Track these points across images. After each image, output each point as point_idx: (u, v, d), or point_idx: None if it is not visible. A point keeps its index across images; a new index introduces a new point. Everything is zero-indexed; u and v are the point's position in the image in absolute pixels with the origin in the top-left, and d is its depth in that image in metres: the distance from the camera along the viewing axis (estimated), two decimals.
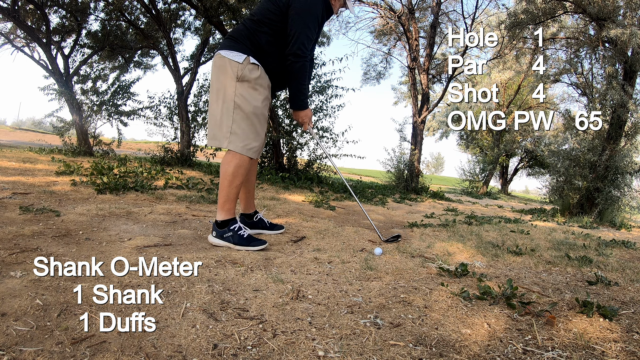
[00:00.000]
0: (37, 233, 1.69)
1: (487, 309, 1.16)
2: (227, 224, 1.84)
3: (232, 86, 1.83)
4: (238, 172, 1.85)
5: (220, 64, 1.86)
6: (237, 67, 1.83)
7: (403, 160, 8.83)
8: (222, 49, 1.88)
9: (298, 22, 1.84)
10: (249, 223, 2.17)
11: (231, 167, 1.84)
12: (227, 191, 1.85)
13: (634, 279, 1.64)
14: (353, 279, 1.44)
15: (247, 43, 1.86)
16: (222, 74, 1.85)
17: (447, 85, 9.22)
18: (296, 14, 1.84)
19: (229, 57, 1.84)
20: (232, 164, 1.84)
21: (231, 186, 1.85)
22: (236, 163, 1.84)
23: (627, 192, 5.58)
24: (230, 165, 1.84)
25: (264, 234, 2.20)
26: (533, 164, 19.47)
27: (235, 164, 1.84)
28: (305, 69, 1.92)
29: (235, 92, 1.83)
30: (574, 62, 6.71)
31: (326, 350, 0.89)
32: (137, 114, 6.98)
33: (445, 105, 19.23)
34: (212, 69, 1.92)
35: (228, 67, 1.83)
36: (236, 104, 1.83)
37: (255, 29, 1.88)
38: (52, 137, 11.38)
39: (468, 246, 2.20)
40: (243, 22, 1.95)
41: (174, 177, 4.32)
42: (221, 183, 1.87)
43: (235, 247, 1.79)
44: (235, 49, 1.85)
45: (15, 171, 3.52)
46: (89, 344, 0.84)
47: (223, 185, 1.86)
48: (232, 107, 1.83)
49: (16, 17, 5.78)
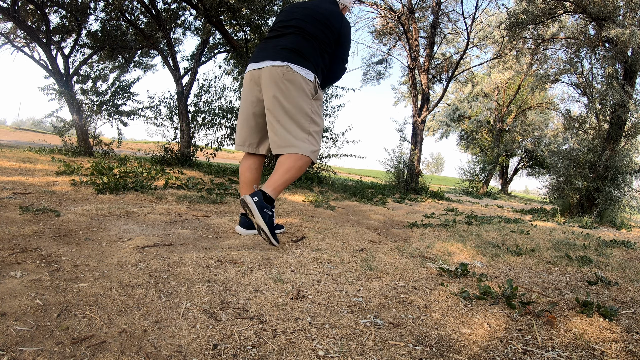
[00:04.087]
0: (37, 233, 1.69)
1: (487, 309, 1.16)
2: (271, 202, 1.87)
3: (309, 103, 2.00)
4: (303, 168, 1.99)
5: (292, 78, 1.95)
6: (311, 85, 2.01)
7: (403, 160, 8.83)
8: (292, 63, 1.96)
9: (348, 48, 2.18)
10: (250, 222, 2.16)
11: (301, 162, 1.96)
12: (287, 178, 1.93)
13: (634, 279, 1.64)
14: (353, 279, 1.44)
15: (312, 62, 2.01)
16: (295, 88, 1.96)
17: (447, 85, 9.22)
18: (347, 42, 2.16)
19: (301, 73, 1.96)
20: (303, 160, 1.97)
21: (291, 177, 1.95)
22: (306, 161, 1.98)
23: (627, 192, 5.58)
24: (301, 161, 1.96)
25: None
26: (533, 164, 19.48)
27: (305, 161, 1.98)
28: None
29: (312, 109, 2.01)
30: (574, 62, 6.71)
31: (326, 350, 0.89)
32: (137, 114, 6.97)
33: (445, 105, 19.24)
34: (278, 78, 1.95)
35: (302, 83, 1.97)
36: (312, 119, 2.01)
37: (320, 51, 2.05)
38: (52, 137, 11.39)
39: (468, 246, 2.20)
40: (305, 38, 2.03)
41: (174, 177, 4.32)
42: (286, 170, 1.92)
43: (261, 224, 1.75)
44: (306, 66, 1.98)
45: (15, 171, 3.52)
46: (89, 344, 0.84)
47: (288, 172, 1.93)
48: (309, 121, 2.00)
49: (16, 17, 5.78)
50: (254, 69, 2.03)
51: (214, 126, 7.16)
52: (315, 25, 2.03)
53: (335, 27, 2.07)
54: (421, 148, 8.85)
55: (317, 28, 2.04)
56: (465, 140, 20.80)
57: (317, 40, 2.03)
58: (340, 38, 2.11)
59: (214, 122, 7.17)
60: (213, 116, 7.19)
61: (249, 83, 2.08)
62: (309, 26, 2.03)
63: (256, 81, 2.04)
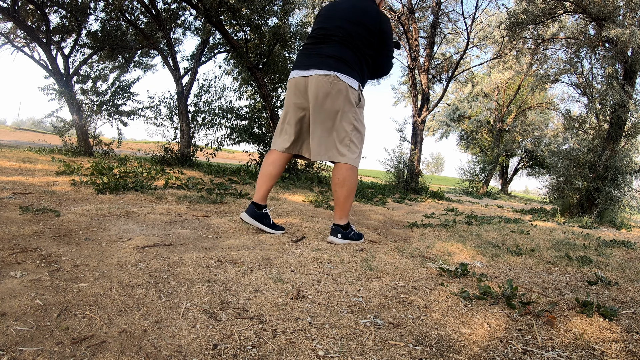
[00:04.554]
0: (37, 233, 1.69)
1: (487, 309, 1.16)
2: (349, 226, 2.17)
3: (353, 111, 2.07)
4: (356, 182, 2.13)
5: (340, 87, 2.02)
6: (356, 93, 2.08)
7: (403, 160, 8.82)
8: (339, 72, 2.02)
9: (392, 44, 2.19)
10: (257, 214, 2.20)
11: (353, 180, 2.10)
12: (350, 200, 2.13)
13: (634, 279, 1.64)
14: (353, 279, 1.44)
15: (357, 70, 2.08)
16: (341, 97, 2.02)
17: (447, 85, 9.22)
18: (390, 39, 2.16)
19: (348, 82, 2.03)
20: (354, 177, 2.10)
21: (352, 196, 2.13)
22: (355, 174, 2.11)
23: (627, 192, 5.57)
24: (352, 180, 2.10)
25: (266, 231, 2.21)
26: (533, 164, 19.47)
27: (355, 177, 2.11)
28: None
29: (355, 117, 2.09)
30: (574, 62, 6.71)
31: (326, 350, 0.89)
32: (137, 114, 6.97)
33: (445, 105, 19.24)
34: (326, 87, 2.02)
35: (349, 92, 2.04)
36: (355, 127, 2.10)
37: (363, 57, 2.10)
38: (52, 137, 11.38)
39: (468, 246, 2.20)
40: (348, 46, 2.07)
41: (174, 177, 4.32)
42: (345, 193, 2.10)
43: (354, 242, 2.14)
44: (351, 75, 2.05)
45: (15, 171, 3.52)
46: (89, 344, 0.84)
47: (348, 195, 2.11)
48: (352, 129, 2.08)
49: (16, 17, 5.78)
50: (301, 76, 2.10)
51: (214, 126, 7.17)
52: (356, 31, 2.07)
53: (375, 27, 2.09)
54: (421, 148, 8.85)
55: (357, 33, 2.07)
56: (465, 140, 20.79)
57: (358, 47, 2.07)
58: (382, 36, 2.12)
59: (214, 122, 7.18)
60: (213, 116, 7.20)
61: (294, 89, 2.14)
62: (350, 32, 2.07)
63: (301, 88, 2.10)
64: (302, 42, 7.48)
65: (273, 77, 7.46)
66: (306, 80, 2.07)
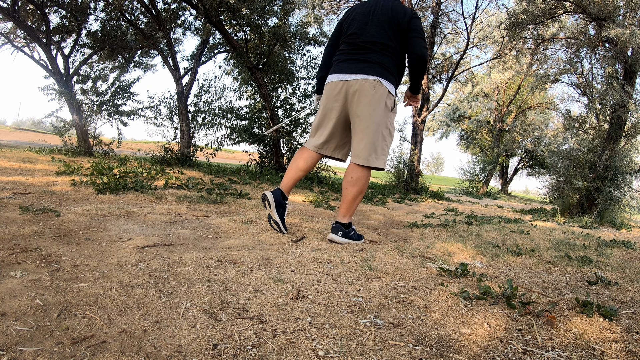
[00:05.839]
0: (37, 233, 1.68)
1: (487, 309, 1.16)
2: (351, 225, 2.20)
3: (387, 115, 2.15)
4: (367, 184, 2.18)
5: (382, 92, 2.09)
6: (392, 99, 2.16)
7: (403, 160, 8.83)
8: (381, 77, 2.09)
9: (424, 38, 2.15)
10: (280, 203, 2.26)
11: (365, 182, 2.14)
12: (358, 201, 2.18)
13: (634, 279, 1.64)
14: (353, 279, 1.44)
15: (394, 74, 2.16)
16: (381, 101, 2.09)
17: (447, 85, 9.22)
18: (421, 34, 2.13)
19: (388, 87, 2.10)
20: (367, 179, 2.15)
21: (360, 197, 2.17)
22: (369, 177, 2.15)
23: (627, 192, 5.57)
24: (365, 181, 2.14)
25: (275, 219, 2.27)
26: (533, 164, 19.48)
27: (368, 179, 2.15)
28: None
29: (388, 121, 2.16)
30: (574, 62, 6.71)
31: (326, 350, 0.89)
32: (137, 114, 6.97)
33: (445, 105, 19.24)
34: (370, 91, 2.07)
35: (386, 97, 2.11)
36: (389, 130, 2.18)
37: (399, 60, 2.16)
38: (52, 137, 11.38)
39: (468, 246, 2.20)
40: (384, 54, 2.11)
41: (174, 177, 4.32)
42: (355, 193, 2.14)
43: (353, 242, 2.16)
44: (390, 80, 2.13)
45: (15, 171, 3.52)
46: (89, 344, 0.84)
47: (357, 195, 2.15)
48: (387, 133, 2.16)
49: (16, 17, 5.78)
50: (342, 80, 2.14)
51: (214, 126, 7.17)
52: (391, 34, 2.11)
53: (403, 26, 2.10)
54: (421, 148, 8.85)
55: (393, 36, 2.11)
56: (465, 140, 20.80)
57: (396, 52, 2.13)
58: (412, 33, 2.12)
59: (213, 122, 7.18)
60: (213, 116, 7.20)
61: (334, 92, 2.17)
62: (388, 36, 2.11)
63: (343, 91, 2.14)
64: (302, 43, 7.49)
65: (273, 77, 7.47)
66: (347, 84, 2.12)
